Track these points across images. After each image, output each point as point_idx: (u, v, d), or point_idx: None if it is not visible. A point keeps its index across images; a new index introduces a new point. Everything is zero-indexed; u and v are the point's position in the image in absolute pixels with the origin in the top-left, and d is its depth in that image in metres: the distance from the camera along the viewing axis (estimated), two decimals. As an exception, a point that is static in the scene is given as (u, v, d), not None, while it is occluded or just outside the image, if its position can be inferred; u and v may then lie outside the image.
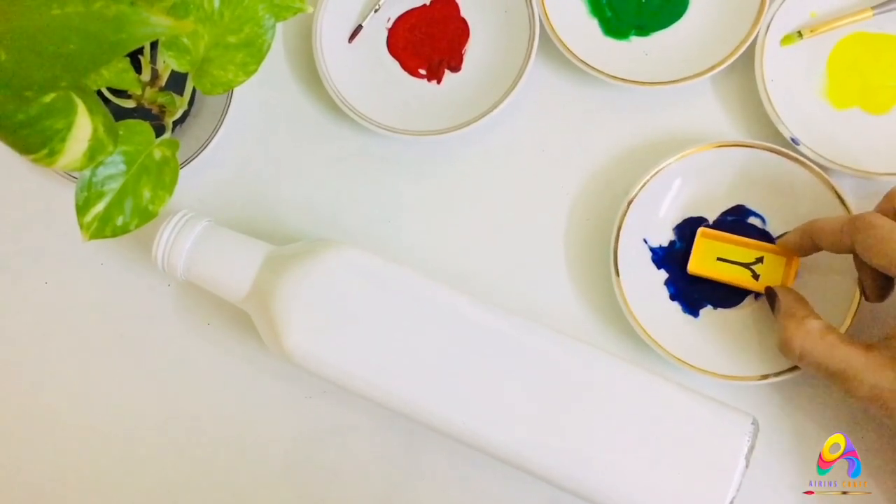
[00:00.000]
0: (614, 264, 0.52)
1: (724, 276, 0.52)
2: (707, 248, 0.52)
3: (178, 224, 0.48)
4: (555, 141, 0.57)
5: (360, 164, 0.57)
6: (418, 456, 0.53)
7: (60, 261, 0.57)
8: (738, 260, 0.52)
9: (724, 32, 0.56)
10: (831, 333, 0.45)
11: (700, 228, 0.53)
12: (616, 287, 0.52)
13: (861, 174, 0.52)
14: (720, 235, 0.52)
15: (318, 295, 0.46)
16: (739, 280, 0.52)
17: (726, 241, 0.52)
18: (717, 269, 0.52)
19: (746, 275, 0.52)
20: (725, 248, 0.52)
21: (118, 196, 0.44)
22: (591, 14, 0.58)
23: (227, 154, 0.57)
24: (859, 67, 0.56)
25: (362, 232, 0.56)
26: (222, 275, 0.48)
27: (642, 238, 0.54)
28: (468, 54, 0.58)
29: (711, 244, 0.52)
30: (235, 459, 0.54)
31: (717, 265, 0.52)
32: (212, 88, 0.46)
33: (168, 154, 0.46)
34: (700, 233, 0.52)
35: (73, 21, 0.33)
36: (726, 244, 0.52)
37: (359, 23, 0.58)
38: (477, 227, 0.56)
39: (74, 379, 0.56)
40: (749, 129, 0.56)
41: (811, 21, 0.56)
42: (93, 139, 0.40)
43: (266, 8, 0.45)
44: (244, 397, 0.55)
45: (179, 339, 0.56)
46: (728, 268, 0.52)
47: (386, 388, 0.46)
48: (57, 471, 0.55)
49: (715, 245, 0.52)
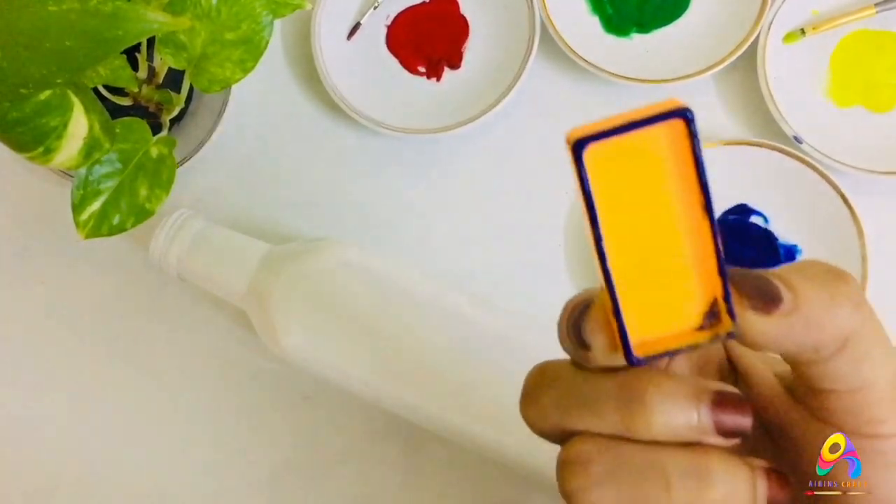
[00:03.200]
0: (615, 263, 0.52)
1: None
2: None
3: (175, 223, 0.48)
4: (555, 139, 0.56)
5: (359, 161, 0.57)
6: (417, 456, 0.53)
7: (57, 260, 0.56)
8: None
9: (726, 30, 0.55)
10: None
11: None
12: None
13: (864, 172, 0.52)
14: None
15: (315, 295, 0.46)
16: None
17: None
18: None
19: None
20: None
21: (115, 194, 0.43)
22: (592, 11, 0.58)
23: (225, 152, 0.57)
24: (862, 65, 0.55)
25: (361, 231, 0.56)
26: (220, 274, 0.48)
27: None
28: (468, 52, 0.58)
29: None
30: (234, 459, 0.54)
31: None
32: (209, 86, 0.45)
33: (165, 152, 0.46)
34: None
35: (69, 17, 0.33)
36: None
37: (358, 20, 0.58)
38: (477, 227, 0.56)
39: (71, 378, 0.55)
40: (751, 127, 0.56)
41: (814, 18, 0.56)
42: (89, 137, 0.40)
43: (264, 4, 0.44)
44: (242, 397, 0.54)
45: (177, 339, 0.55)
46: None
47: (384, 389, 0.46)
48: (55, 470, 0.54)
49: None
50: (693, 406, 0.21)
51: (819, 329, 0.21)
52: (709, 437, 0.21)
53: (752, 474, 0.22)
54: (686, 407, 0.21)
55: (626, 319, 0.20)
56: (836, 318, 0.21)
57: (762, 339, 0.21)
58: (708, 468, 0.21)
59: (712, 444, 0.22)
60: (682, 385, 0.22)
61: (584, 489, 0.22)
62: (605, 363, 0.22)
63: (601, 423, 0.22)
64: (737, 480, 0.22)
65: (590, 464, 0.22)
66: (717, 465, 0.21)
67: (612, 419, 0.22)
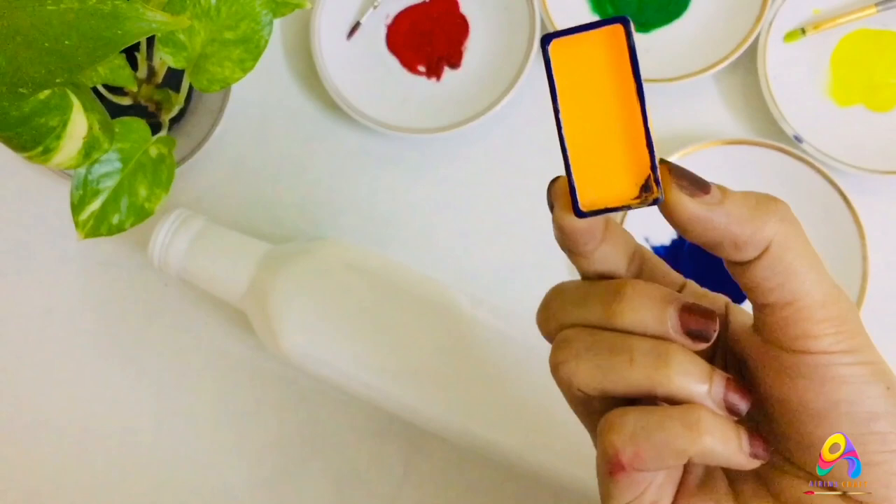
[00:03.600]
0: (615, 263, 0.52)
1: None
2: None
3: (174, 223, 0.48)
4: (555, 139, 0.57)
5: (359, 162, 0.57)
6: (417, 456, 0.53)
7: (56, 259, 0.56)
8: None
9: (726, 29, 0.55)
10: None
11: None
12: (617, 286, 0.51)
13: (864, 172, 0.52)
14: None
15: (315, 294, 0.46)
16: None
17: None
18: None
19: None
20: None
21: (114, 194, 0.43)
22: (593, 10, 0.58)
23: (225, 152, 0.57)
24: (863, 64, 0.55)
25: (360, 231, 0.56)
26: (219, 274, 0.48)
27: (644, 237, 0.53)
28: (468, 51, 0.58)
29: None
30: (234, 459, 0.54)
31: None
32: (208, 85, 0.45)
33: (164, 152, 0.46)
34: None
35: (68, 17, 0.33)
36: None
37: (357, 19, 0.58)
38: (477, 226, 0.56)
39: (69, 378, 0.55)
40: (752, 126, 0.56)
41: (814, 17, 0.56)
42: (88, 136, 0.40)
43: (263, 4, 0.44)
44: (241, 398, 0.54)
45: (176, 339, 0.55)
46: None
47: (384, 389, 0.46)
48: (53, 470, 0.54)
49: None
50: (662, 305, 0.26)
51: (738, 225, 0.24)
52: (674, 335, 0.25)
53: (710, 370, 0.25)
54: (656, 305, 0.26)
55: (578, 183, 0.25)
56: (755, 220, 0.24)
57: (684, 216, 0.25)
58: (668, 352, 0.25)
59: (677, 340, 0.25)
60: (657, 289, 0.26)
61: (565, 361, 0.27)
62: (562, 221, 0.26)
63: (588, 314, 0.27)
64: (693, 367, 0.25)
65: (573, 342, 0.27)
66: (677, 352, 0.25)
67: (596, 311, 0.27)
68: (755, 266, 0.25)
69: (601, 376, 0.26)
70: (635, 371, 0.25)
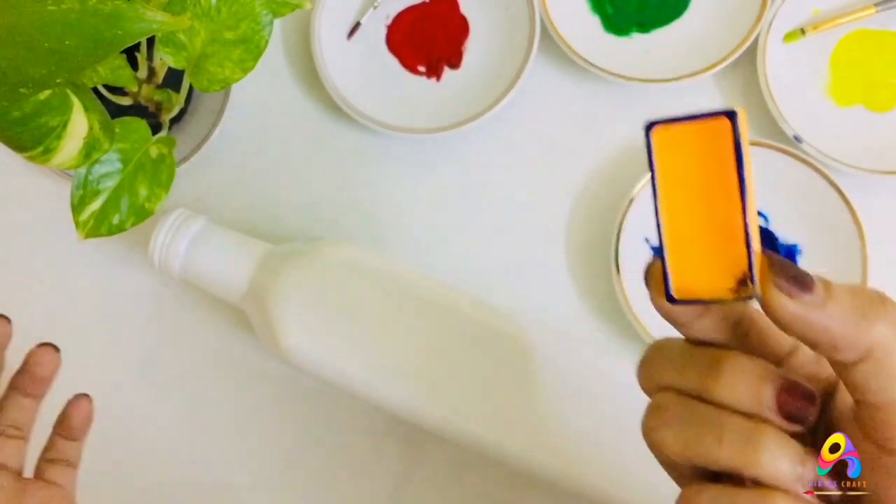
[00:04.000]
0: (615, 263, 0.52)
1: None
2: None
3: (174, 223, 0.48)
4: (555, 139, 0.57)
5: (359, 162, 0.57)
6: (417, 457, 0.53)
7: (55, 260, 0.56)
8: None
9: (726, 29, 0.55)
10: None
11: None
12: (617, 286, 0.52)
13: (864, 172, 0.52)
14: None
15: (316, 295, 0.46)
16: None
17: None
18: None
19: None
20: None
21: (114, 194, 0.43)
22: (593, 11, 0.58)
23: (225, 152, 0.57)
24: (862, 65, 0.55)
25: (361, 231, 0.56)
26: (219, 274, 0.48)
27: (644, 237, 0.53)
28: (468, 51, 0.58)
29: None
30: (234, 459, 0.54)
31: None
32: (209, 86, 0.45)
33: (165, 152, 0.46)
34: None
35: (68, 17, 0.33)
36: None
37: (358, 20, 0.58)
38: (477, 226, 0.56)
39: (68, 378, 0.55)
40: (752, 126, 0.56)
41: (814, 18, 0.56)
42: (88, 137, 0.40)
43: (263, 4, 0.44)
44: (242, 398, 0.54)
45: (176, 339, 0.55)
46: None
47: (384, 389, 0.46)
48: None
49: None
50: (760, 383, 0.25)
51: (841, 328, 0.23)
52: (769, 414, 0.24)
53: (803, 455, 0.24)
54: (754, 383, 0.25)
55: (671, 270, 0.25)
56: (861, 325, 0.23)
57: (784, 319, 0.23)
58: (759, 436, 0.24)
59: (772, 421, 0.24)
60: (756, 365, 0.25)
61: (656, 429, 0.26)
62: (655, 304, 0.25)
63: (684, 382, 0.26)
64: (784, 452, 0.24)
65: (666, 409, 0.26)
66: (768, 436, 0.24)
67: (692, 380, 0.26)
68: (854, 368, 0.24)
69: (689, 450, 0.25)
70: (724, 451, 0.24)
